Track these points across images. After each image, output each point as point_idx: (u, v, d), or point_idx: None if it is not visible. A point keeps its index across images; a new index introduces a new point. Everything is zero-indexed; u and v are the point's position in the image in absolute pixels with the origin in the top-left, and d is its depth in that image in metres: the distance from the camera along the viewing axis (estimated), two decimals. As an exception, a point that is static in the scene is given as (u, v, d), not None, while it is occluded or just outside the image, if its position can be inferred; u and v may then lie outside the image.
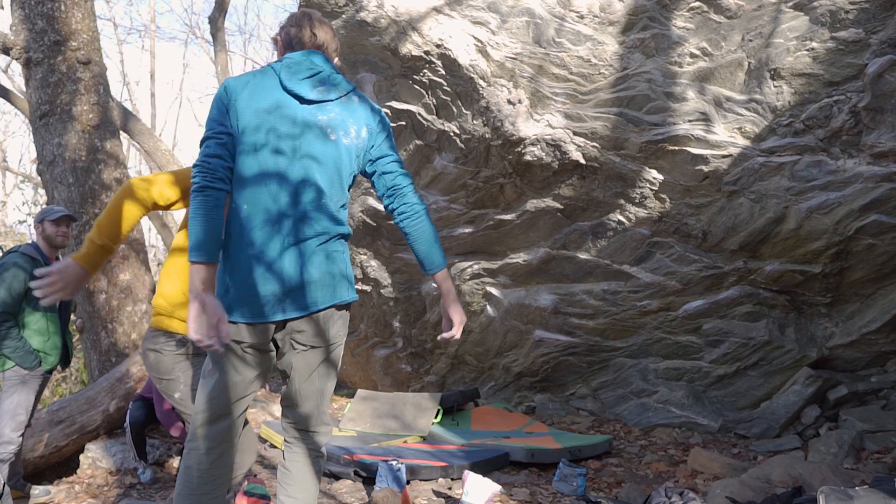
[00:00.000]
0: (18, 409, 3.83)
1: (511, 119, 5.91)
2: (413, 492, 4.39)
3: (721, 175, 5.68)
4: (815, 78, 5.30)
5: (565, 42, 5.92)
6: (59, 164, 5.44)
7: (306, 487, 2.42)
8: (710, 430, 6.12)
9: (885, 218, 5.35)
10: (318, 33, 2.32)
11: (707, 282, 6.10)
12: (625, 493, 4.37)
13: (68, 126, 5.45)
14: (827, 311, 6.01)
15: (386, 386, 8.25)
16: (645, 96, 5.77)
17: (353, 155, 2.26)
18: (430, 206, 6.73)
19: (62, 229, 4.02)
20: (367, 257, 7.45)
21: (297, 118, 2.18)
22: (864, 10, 5.07)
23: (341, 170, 2.23)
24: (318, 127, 2.20)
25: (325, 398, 2.40)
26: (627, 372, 6.63)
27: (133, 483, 4.48)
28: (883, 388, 5.95)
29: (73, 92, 5.48)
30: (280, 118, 2.16)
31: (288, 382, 2.37)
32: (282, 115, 2.17)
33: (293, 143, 2.16)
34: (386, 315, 7.75)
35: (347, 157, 2.24)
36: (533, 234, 6.59)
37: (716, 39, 5.66)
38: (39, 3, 5.47)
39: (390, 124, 2.55)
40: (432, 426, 5.81)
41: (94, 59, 5.64)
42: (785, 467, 4.21)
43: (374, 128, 2.32)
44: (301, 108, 2.19)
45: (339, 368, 3.24)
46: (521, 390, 7.16)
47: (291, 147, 2.16)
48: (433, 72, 6.04)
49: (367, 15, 5.97)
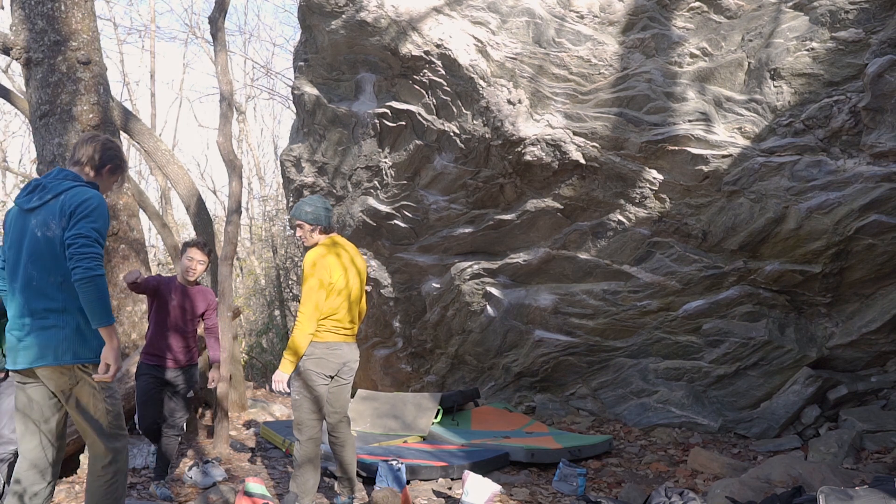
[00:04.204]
0: (18, 410, 3.83)
1: (511, 119, 5.91)
2: (413, 492, 4.39)
3: (721, 175, 5.68)
4: (815, 78, 5.30)
5: (565, 42, 5.92)
6: (59, 164, 5.43)
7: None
8: (710, 430, 6.12)
9: (885, 218, 5.35)
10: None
11: (707, 282, 6.10)
12: (625, 493, 4.37)
13: (68, 126, 5.46)
14: (827, 311, 6.01)
15: (386, 386, 8.25)
16: (645, 96, 5.77)
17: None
18: (430, 206, 6.74)
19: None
20: (367, 257, 7.45)
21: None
22: (864, 10, 5.07)
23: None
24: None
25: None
26: (627, 372, 6.63)
27: (133, 483, 4.48)
28: (883, 388, 5.95)
29: (73, 92, 5.48)
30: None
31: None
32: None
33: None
34: (386, 315, 7.74)
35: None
36: (533, 234, 6.59)
37: (716, 39, 5.66)
38: (39, 3, 5.46)
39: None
40: (432, 426, 5.81)
41: (94, 59, 5.64)
42: (785, 467, 4.21)
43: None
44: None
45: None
46: (521, 390, 7.15)
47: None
48: (433, 72, 6.04)
49: (367, 15, 5.97)
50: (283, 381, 3.64)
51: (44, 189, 2.73)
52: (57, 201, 2.68)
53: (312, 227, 3.79)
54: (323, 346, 3.70)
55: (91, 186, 2.79)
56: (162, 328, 4.33)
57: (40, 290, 2.66)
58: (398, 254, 7.26)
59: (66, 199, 2.67)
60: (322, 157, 7.17)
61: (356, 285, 3.86)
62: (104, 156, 2.87)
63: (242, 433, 6.23)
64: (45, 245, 2.67)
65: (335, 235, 3.89)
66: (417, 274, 7.30)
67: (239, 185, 6.02)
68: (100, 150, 2.86)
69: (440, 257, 7.09)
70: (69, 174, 2.79)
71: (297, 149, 7.37)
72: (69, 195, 2.68)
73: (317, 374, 3.69)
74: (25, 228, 2.71)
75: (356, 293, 3.87)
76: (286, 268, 14.31)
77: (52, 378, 2.68)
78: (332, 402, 3.84)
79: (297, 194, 7.49)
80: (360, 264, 3.93)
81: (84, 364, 2.70)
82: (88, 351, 2.70)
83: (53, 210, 2.67)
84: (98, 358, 2.68)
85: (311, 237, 3.82)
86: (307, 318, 3.61)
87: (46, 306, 2.66)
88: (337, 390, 3.84)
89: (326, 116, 6.88)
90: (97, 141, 2.89)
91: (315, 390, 3.69)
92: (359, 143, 6.81)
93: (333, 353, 3.74)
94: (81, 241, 2.58)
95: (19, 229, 2.75)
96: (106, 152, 2.88)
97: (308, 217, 3.77)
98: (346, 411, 3.91)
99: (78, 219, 2.62)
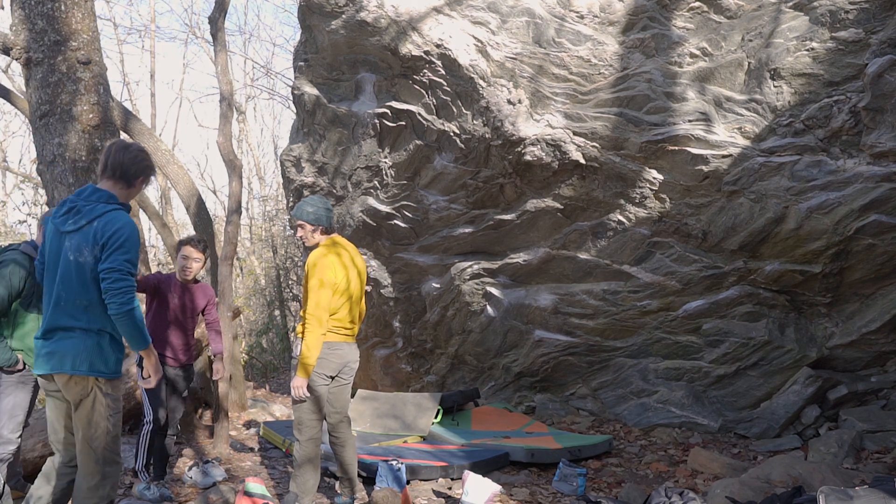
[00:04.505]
0: (16, 409, 3.82)
1: (511, 119, 5.91)
2: (413, 492, 4.39)
3: (721, 175, 5.68)
4: (815, 78, 5.30)
5: (565, 42, 5.92)
6: (59, 164, 5.44)
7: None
8: (710, 430, 6.12)
9: (884, 218, 5.35)
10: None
11: (707, 282, 6.10)
12: (625, 493, 4.36)
13: (68, 126, 5.45)
14: (827, 311, 6.01)
15: (386, 386, 8.25)
16: (645, 96, 5.77)
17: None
18: (430, 206, 6.74)
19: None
20: (367, 257, 7.45)
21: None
22: (864, 10, 5.07)
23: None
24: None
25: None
26: (627, 372, 6.63)
27: (133, 483, 4.48)
28: (883, 388, 5.95)
29: (73, 92, 5.48)
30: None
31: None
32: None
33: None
34: (386, 315, 7.74)
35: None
36: (533, 234, 6.59)
37: (716, 39, 5.66)
38: (39, 3, 5.46)
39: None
40: (432, 426, 5.81)
41: (94, 59, 5.63)
42: (785, 467, 4.21)
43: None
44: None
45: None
46: (521, 390, 7.15)
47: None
48: (433, 72, 6.03)
49: (367, 15, 5.97)
50: (303, 386, 3.64)
51: (78, 213, 2.84)
52: (91, 228, 2.80)
53: (314, 227, 3.79)
54: (324, 346, 3.70)
55: (123, 206, 2.91)
56: (163, 326, 4.32)
57: (67, 310, 2.81)
58: (398, 254, 7.26)
59: (99, 226, 2.79)
60: (322, 157, 7.16)
61: (357, 285, 3.86)
62: (137, 168, 2.97)
63: (242, 433, 6.23)
64: (76, 270, 2.80)
65: (336, 236, 3.89)
66: (417, 274, 7.30)
67: (239, 185, 6.02)
68: (133, 162, 2.95)
69: (440, 257, 7.09)
70: (102, 195, 2.87)
71: (297, 149, 7.37)
72: (102, 222, 2.79)
73: (318, 374, 3.69)
74: (60, 249, 2.86)
75: (357, 293, 3.87)
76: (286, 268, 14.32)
77: (68, 387, 2.81)
78: (333, 402, 3.84)
79: (297, 194, 7.48)
80: (360, 264, 3.93)
81: (98, 377, 2.82)
82: (105, 366, 2.83)
83: (87, 237, 2.79)
84: (113, 374, 2.85)
85: (312, 237, 3.82)
86: (316, 319, 3.60)
87: (71, 324, 2.81)
88: (338, 390, 3.84)
89: (326, 116, 6.88)
90: (130, 151, 2.98)
91: (316, 390, 3.70)
92: (359, 143, 6.81)
93: (335, 354, 3.74)
94: (115, 275, 2.73)
95: (56, 249, 2.88)
96: (139, 164, 2.97)
97: (310, 217, 3.78)
98: (346, 411, 3.91)
99: (111, 251, 2.76)
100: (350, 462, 3.91)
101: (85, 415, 2.82)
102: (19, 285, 3.77)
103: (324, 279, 3.64)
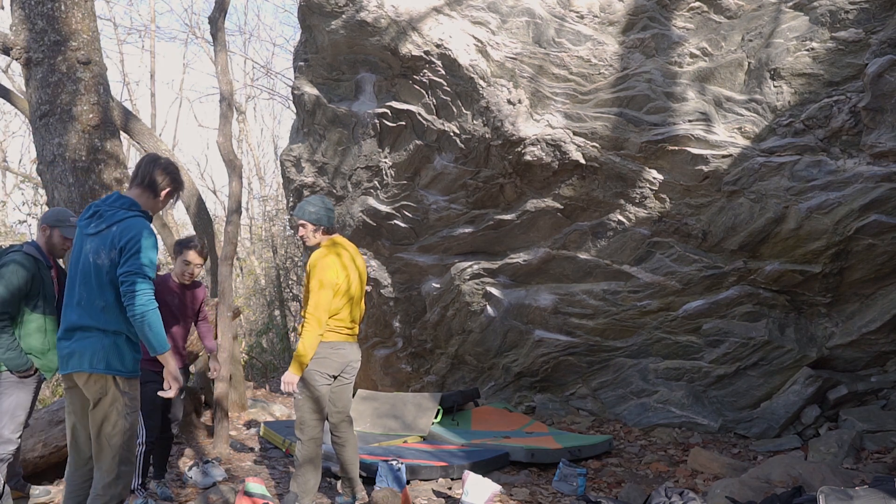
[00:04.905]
0: (17, 410, 3.81)
1: (511, 119, 5.91)
2: (413, 492, 4.39)
3: (721, 175, 5.68)
4: (815, 78, 5.30)
5: (565, 42, 5.92)
6: (59, 164, 5.44)
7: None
8: (710, 430, 6.12)
9: (884, 218, 5.35)
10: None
11: (707, 282, 6.10)
12: (625, 493, 4.37)
13: (68, 126, 5.45)
14: (827, 311, 6.01)
15: (386, 386, 8.25)
16: (645, 96, 5.77)
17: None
18: (430, 206, 6.74)
19: (70, 243, 4.01)
20: (367, 257, 7.45)
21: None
22: (864, 10, 5.08)
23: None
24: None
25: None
26: (627, 372, 6.63)
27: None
28: (883, 388, 5.95)
29: (73, 92, 5.48)
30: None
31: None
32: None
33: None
34: (386, 315, 7.74)
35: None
36: (533, 234, 6.59)
37: (716, 39, 5.67)
38: (39, 3, 5.46)
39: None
40: (432, 426, 5.81)
41: (94, 59, 5.63)
42: (785, 467, 4.21)
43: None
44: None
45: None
46: (521, 390, 7.16)
47: None
48: (433, 72, 6.03)
49: (367, 15, 5.97)
50: (293, 382, 3.64)
51: (101, 217, 2.94)
52: (110, 232, 2.89)
53: (315, 227, 3.80)
54: (326, 346, 3.71)
55: (144, 214, 2.99)
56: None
57: (86, 310, 2.90)
58: (398, 254, 7.26)
59: (118, 231, 2.87)
60: (322, 157, 7.16)
61: (357, 286, 3.87)
62: (165, 180, 3.05)
63: (242, 433, 6.23)
64: (94, 271, 2.89)
65: (336, 236, 3.90)
66: (417, 274, 7.30)
67: (239, 185, 6.02)
68: (162, 175, 3.04)
69: (440, 257, 7.09)
70: (125, 202, 2.97)
71: (297, 149, 7.37)
72: (121, 227, 2.88)
73: (320, 373, 3.69)
74: (83, 251, 2.97)
75: (357, 293, 3.88)
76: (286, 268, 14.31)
77: (87, 385, 2.89)
78: (335, 402, 3.84)
79: (297, 194, 7.48)
80: (360, 264, 3.94)
81: (116, 376, 2.87)
82: (121, 364, 2.89)
83: (106, 240, 2.88)
84: (130, 373, 2.92)
85: (313, 237, 3.83)
86: (315, 319, 3.61)
87: (90, 324, 2.89)
88: (339, 390, 3.85)
89: (326, 116, 6.88)
90: (160, 165, 3.06)
91: (317, 390, 3.70)
92: (359, 143, 6.81)
93: (337, 353, 3.74)
94: (132, 278, 2.80)
95: (79, 250, 2.99)
96: (167, 175, 3.06)
97: (311, 217, 3.79)
98: (348, 411, 3.91)
99: (128, 256, 2.83)
100: (351, 462, 3.91)
101: (102, 412, 2.88)
102: (21, 286, 3.76)
103: (324, 280, 3.65)
